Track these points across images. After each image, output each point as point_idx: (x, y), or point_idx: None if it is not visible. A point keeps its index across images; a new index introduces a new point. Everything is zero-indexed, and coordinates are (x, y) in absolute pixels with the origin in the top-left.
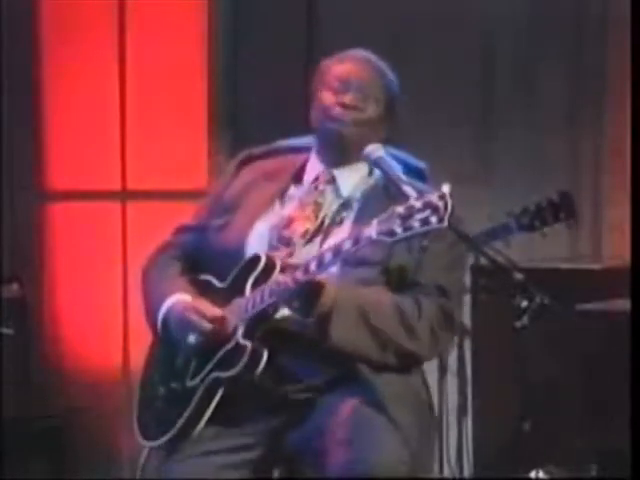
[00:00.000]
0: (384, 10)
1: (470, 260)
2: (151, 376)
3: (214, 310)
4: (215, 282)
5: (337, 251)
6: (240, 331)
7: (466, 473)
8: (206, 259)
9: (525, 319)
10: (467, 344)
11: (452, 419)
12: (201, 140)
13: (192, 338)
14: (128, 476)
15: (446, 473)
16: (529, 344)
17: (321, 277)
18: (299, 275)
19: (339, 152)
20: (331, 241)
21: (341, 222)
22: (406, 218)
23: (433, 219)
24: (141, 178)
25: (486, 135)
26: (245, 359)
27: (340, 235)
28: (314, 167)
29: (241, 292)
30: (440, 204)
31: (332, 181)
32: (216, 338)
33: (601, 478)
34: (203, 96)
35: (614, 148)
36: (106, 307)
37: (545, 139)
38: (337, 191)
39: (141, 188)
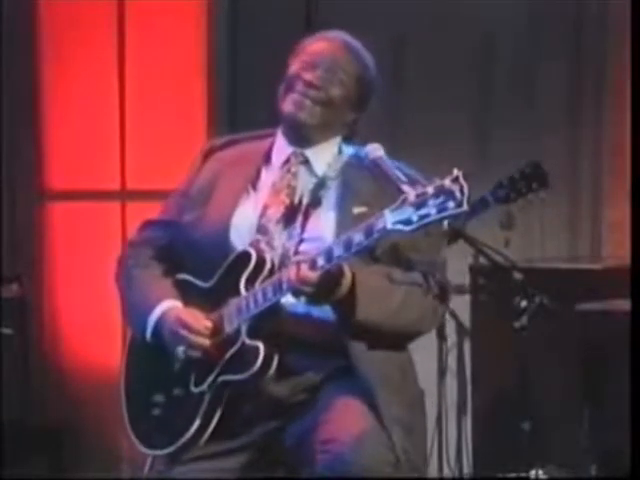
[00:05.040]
0: (384, 11)
1: (470, 260)
2: (141, 382)
3: (206, 323)
4: (196, 282)
5: (348, 245)
6: (244, 331)
7: (465, 473)
8: (181, 256)
9: (524, 319)
10: (467, 344)
11: (451, 419)
12: (200, 140)
13: (189, 352)
14: (128, 476)
15: (445, 473)
16: (529, 344)
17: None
18: (305, 270)
19: (301, 131)
20: (313, 223)
21: (320, 202)
22: (420, 206)
23: (450, 204)
24: (141, 178)
25: (485, 135)
26: (260, 360)
27: (322, 215)
28: (282, 149)
29: (233, 291)
30: (455, 188)
31: (305, 162)
32: (215, 348)
33: (601, 478)
34: (202, 96)
35: (614, 148)
36: (106, 307)
37: (545, 139)
38: (311, 171)
39: (141, 188)
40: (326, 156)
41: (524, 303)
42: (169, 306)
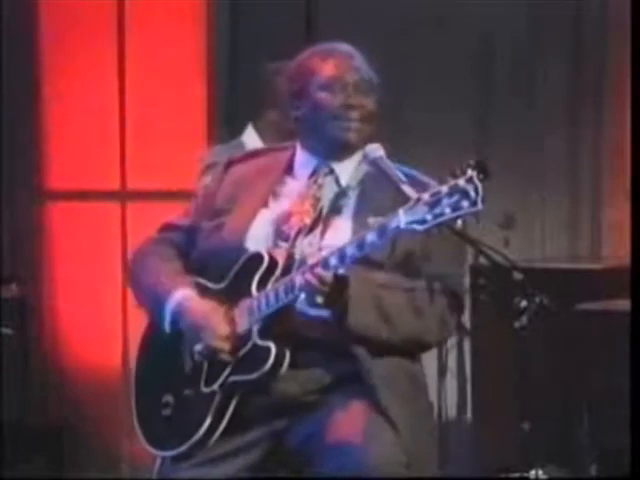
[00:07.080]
0: (384, 11)
1: (470, 260)
2: (151, 382)
3: (225, 329)
4: (208, 284)
5: (361, 244)
6: (255, 332)
7: (466, 473)
8: (198, 261)
9: (524, 319)
10: (467, 344)
11: (452, 419)
12: (200, 140)
13: (203, 349)
14: (128, 476)
15: (446, 473)
16: (529, 344)
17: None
18: (319, 271)
19: (341, 149)
20: (332, 231)
21: (340, 211)
22: (434, 205)
23: (464, 203)
24: (141, 178)
25: (485, 136)
26: (271, 360)
27: (341, 224)
28: (306, 162)
29: (245, 292)
30: (469, 187)
31: (330, 173)
32: (228, 348)
33: (601, 478)
34: (202, 96)
35: (614, 148)
36: (106, 307)
37: (545, 139)
38: (336, 181)
39: (141, 188)
40: (350, 167)
41: (524, 303)
42: (185, 295)
